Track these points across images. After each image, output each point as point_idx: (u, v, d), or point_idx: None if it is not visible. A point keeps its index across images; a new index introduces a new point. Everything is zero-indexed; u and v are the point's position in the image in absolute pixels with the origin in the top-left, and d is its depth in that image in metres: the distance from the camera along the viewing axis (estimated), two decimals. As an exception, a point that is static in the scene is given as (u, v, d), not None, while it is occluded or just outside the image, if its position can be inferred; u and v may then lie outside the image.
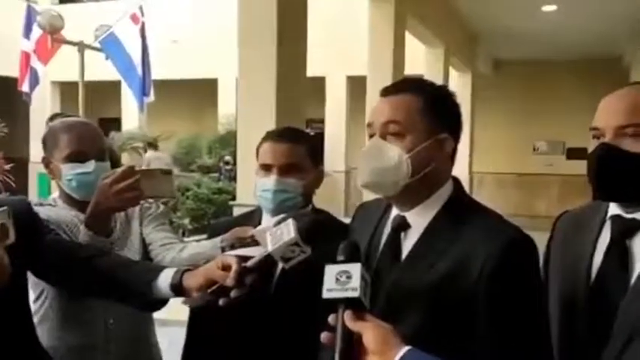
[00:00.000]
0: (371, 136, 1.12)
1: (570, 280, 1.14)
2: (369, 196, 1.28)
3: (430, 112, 1.08)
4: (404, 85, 1.13)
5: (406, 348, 0.85)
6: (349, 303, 0.88)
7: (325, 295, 0.90)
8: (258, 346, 1.41)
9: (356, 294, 0.88)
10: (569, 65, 11.49)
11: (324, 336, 0.89)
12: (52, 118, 1.64)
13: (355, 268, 0.90)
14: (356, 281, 0.89)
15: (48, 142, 1.55)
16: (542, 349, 1.03)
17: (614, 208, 1.12)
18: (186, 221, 7.64)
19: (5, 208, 1.06)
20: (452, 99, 1.14)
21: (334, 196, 10.36)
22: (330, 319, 0.89)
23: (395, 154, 1.07)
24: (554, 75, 11.79)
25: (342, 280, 0.90)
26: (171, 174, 1.49)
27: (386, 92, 1.13)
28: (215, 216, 7.57)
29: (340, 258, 0.93)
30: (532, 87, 12.08)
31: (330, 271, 0.91)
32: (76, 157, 1.49)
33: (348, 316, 0.87)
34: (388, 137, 1.08)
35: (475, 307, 1.00)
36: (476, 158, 10.11)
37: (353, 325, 0.87)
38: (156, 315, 1.63)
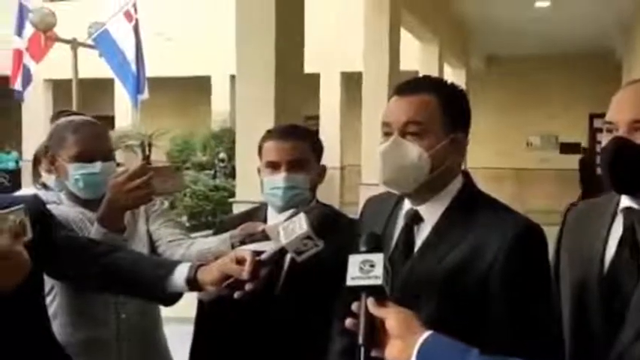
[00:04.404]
0: (387, 134, 1.13)
1: (583, 271, 1.16)
2: (365, 193, 1.30)
3: (447, 112, 1.11)
4: (421, 85, 1.14)
5: (428, 332, 0.87)
6: (372, 290, 0.92)
7: (349, 282, 0.93)
8: (267, 340, 1.42)
9: (379, 282, 0.91)
10: (562, 60, 11.56)
11: (348, 322, 0.92)
12: (58, 115, 1.64)
13: (378, 258, 0.94)
14: (379, 270, 0.92)
15: (54, 139, 1.54)
16: (554, 331, 1.08)
17: (625, 201, 1.14)
18: (184, 219, 7.63)
19: (22, 205, 1.07)
20: (465, 98, 1.17)
21: (329, 192, 10.37)
22: (354, 306, 0.92)
23: (415, 152, 1.09)
24: (548, 70, 11.85)
25: (365, 268, 0.93)
26: (180, 170, 1.50)
27: (403, 91, 1.14)
28: (213, 213, 7.55)
29: (363, 248, 0.96)
30: (525, 82, 12.14)
31: (354, 260, 0.94)
32: (83, 157, 1.49)
33: (371, 303, 0.90)
34: (407, 136, 1.10)
35: (487, 297, 1.03)
36: (470, 154, 10.15)
37: (376, 311, 0.90)
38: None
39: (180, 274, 1.19)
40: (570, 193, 10.27)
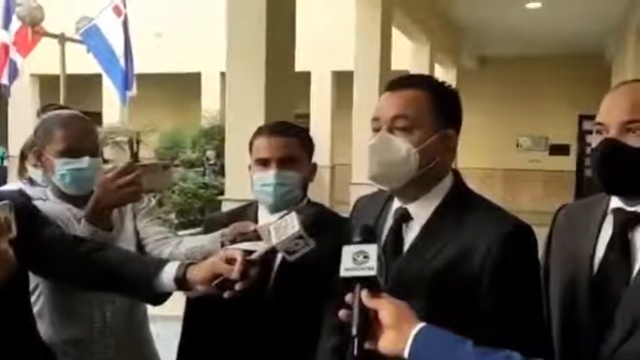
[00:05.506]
0: (376, 129, 1.13)
1: (573, 272, 1.16)
2: (355, 192, 1.30)
3: (437, 109, 1.11)
4: (412, 81, 1.14)
5: (422, 324, 0.88)
6: (365, 281, 0.92)
7: (343, 273, 0.93)
8: (256, 339, 1.41)
9: (373, 272, 0.91)
10: (553, 62, 11.64)
11: (341, 313, 0.92)
12: (44, 109, 1.61)
13: (372, 249, 0.94)
14: (373, 261, 0.92)
15: (41, 134, 1.52)
16: (543, 330, 1.08)
17: (615, 202, 1.14)
18: (173, 216, 7.57)
19: (7, 201, 1.05)
20: (456, 95, 1.17)
21: (319, 191, 10.36)
22: (348, 297, 0.92)
23: (403, 147, 1.09)
24: (538, 71, 11.92)
25: (359, 259, 0.93)
26: (169, 168, 1.49)
27: (394, 87, 1.14)
28: (201, 210, 7.51)
29: (357, 239, 0.96)
30: (516, 83, 12.21)
31: (348, 251, 0.94)
32: (71, 152, 1.47)
33: (365, 294, 0.90)
34: (396, 131, 1.10)
35: (477, 296, 1.03)
36: (460, 154, 10.19)
37: (370, 302, 0.90)
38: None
39: (168, 273, 1.17)
40: (559, 195, 10.35)
